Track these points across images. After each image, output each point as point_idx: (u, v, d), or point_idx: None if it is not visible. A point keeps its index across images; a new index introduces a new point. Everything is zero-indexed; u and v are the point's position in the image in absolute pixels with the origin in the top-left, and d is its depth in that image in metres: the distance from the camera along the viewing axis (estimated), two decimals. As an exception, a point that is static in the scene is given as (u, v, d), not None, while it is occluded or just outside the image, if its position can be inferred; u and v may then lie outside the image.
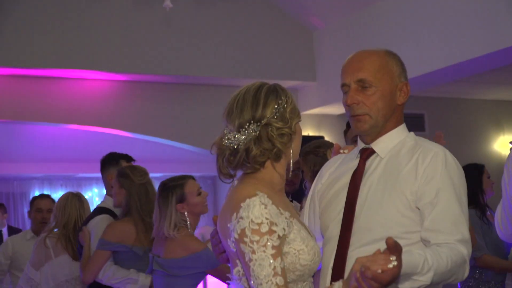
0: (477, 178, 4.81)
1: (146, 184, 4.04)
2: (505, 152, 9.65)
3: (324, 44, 7.81)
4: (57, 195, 8.51)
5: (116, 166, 4.43)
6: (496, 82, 8.78)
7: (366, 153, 2.31)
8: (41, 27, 6.78)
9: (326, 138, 8.13)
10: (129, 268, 3.98)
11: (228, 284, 2.21)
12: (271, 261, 1.93)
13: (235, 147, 2.08)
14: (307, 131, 8.19)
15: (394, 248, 1.76)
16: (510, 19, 5.50)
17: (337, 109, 8.07)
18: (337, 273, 2.16)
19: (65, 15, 6.90)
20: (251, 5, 7.71)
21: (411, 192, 2.15)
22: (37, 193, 8.26)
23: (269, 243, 1.94)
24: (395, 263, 1.75)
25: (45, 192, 8.47)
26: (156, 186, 3.83)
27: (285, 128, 2.10)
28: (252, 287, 1.96)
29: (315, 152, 3.80)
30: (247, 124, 2.07)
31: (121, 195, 4.06)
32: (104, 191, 4.72)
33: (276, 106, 2.09)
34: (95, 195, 9.02)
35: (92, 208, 4.72)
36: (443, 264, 2.00)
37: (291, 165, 2.18)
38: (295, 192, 4.26)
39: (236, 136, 2.08)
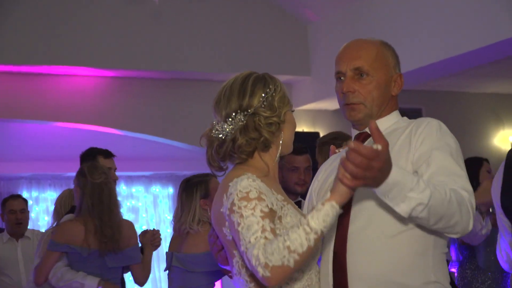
0: (475, 170, 4.81)
1: (102, 184, 3.99)
2: (505, 147, 9.67)
3: (318, 38, 7.80)
4: (45, 195, 8.50)
5: (93, 162, 4.36)
6: (495, 75, 8.79)
7: (362, 138, 2.33)
8: (28, 23, 6.74)
9: (321, 134, 8.13)
10: (79, 270, 3.93)
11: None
12: (259, 220, 1.91)
13: (223, 137, 2.09)
14: (302, 127, 8.18)
15: (377, 132, 1.80)
16: (506, 11, 5.51)
17: (333, 104, 8.05)
18: (339, 254, 2.16)
19: (52, 10, 6.86)
20: (243, -2, 7.69)
21: (406, 161, 2.15)
22: (25, 193, 8.26)
23: (257, 207, 1.93)
24: (379, 146, 1.77)
25: (34, 192, 8.47)
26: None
27: (273, 117, 2.10)
28: (242, 253, 1.92)
29: (332, 144, 3.78)
30: (234, 113, 2.08)
31: (78, 193, 4.05)
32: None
33: (263, 95, 2.10)
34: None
35: None
36: (441, 191, 1.95)
37: (281, 153, 2.17)
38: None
39: (224, 126, 2.09)
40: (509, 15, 5.50)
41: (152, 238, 4.31)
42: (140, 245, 4.33)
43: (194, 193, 3.78)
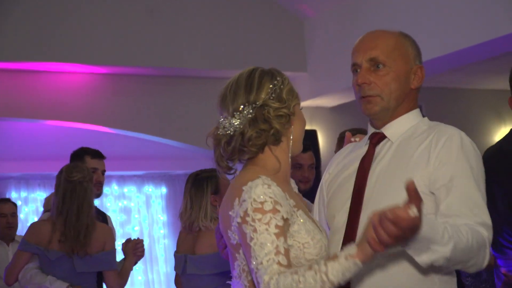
0: None
1: (76, 182, 3.89)
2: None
3: (315, 33, 7.83)
4: (34, 195, 8.50)
5: (80, 162, 4.35)
6: (496, 71, 8.82)
7: (376, 138, 2.29)
8: (18, 19, 6.73)
9: (319, 132, 8.17)
10: (48, 274, 3.88)
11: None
12: (274, 239, 1.90)
13: (231, 134, 2.08)
14: (299, 125, 8.17)
15: (414, 193, 1.72)
16: (507, 6, 5.56)
17: (330, 101, 8.08)
18: None
19: (44, 6, 6.84)
20: (238, -7, 7.72)
21: (422, 177, 2.10)
22: (13, 194, 8.28)
23: (272, 222, 1.92)
24: (415, 211, 1.70)
25: (23, 193, 8.48)
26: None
27: (283, 108, 2.11)
28: (251, 270, 1.93)
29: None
30: (242, 107, 2.08)
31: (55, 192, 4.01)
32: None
33: (271, 86, 2.10)
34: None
35: None
36: (463, 239, 1.91)
37: (292, 153, 2.16)
38: (311, 190, 4.14)
39: (232, 121, 2.08)
40: (508, 12, 5.56)
41: (134, 247, 4.22)
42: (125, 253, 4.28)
43: (204, 188, 3.70)
